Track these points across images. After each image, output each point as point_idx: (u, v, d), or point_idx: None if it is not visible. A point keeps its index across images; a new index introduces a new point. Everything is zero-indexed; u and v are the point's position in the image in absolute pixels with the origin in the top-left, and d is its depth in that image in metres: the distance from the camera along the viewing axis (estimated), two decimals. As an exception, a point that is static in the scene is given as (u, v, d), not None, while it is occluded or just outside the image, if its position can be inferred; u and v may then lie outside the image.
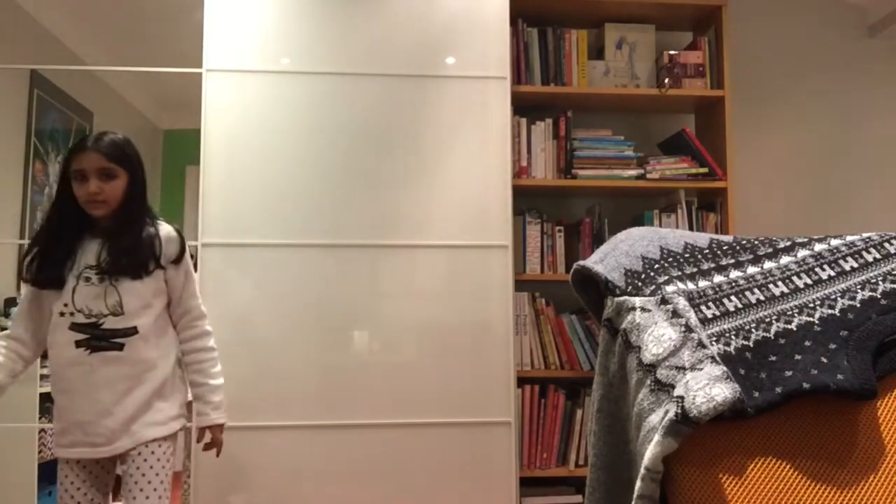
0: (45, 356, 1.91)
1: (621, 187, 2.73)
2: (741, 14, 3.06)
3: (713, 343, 0.89)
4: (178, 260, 1.87)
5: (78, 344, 1.76)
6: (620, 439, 0.94)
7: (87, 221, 1.83)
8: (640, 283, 0.96)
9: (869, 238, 1.04)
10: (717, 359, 0.84)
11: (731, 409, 0.79)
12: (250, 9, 2.49)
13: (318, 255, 2.43)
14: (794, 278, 0.99)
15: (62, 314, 1.79)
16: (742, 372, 0.87)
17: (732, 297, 0.96)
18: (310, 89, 2.48)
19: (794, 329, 0.92)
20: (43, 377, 3.03)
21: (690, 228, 2.72)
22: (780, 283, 0.98)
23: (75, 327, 1.77)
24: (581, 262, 1.02)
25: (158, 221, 1.90)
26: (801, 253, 1.03)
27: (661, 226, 2.72)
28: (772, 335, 0.92)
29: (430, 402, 2.42)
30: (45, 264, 1.80)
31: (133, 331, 1.78)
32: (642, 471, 0.79)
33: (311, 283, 2.43)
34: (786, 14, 3.22)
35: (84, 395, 1.76)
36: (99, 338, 1.76)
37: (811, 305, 0.95)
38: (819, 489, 0.81)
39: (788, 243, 1.05)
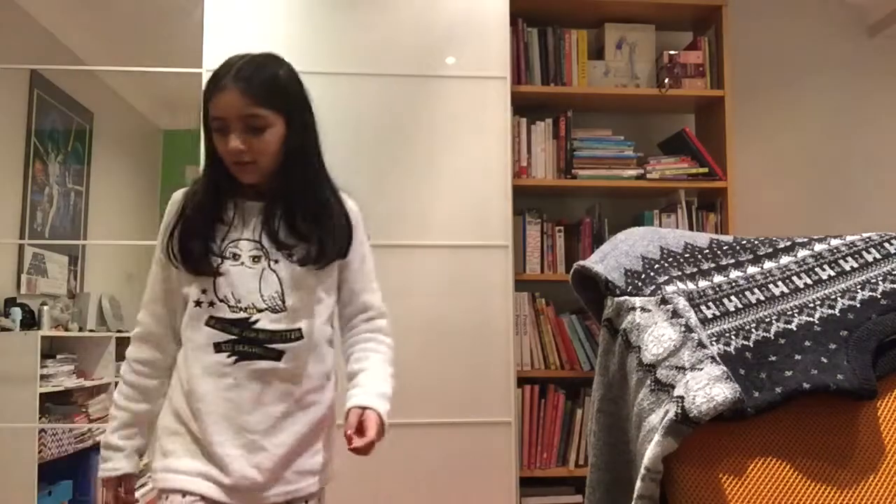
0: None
1: (621, 187, 2.73)
2: (741, 14, 3.06)
3: (713, 343, 0.89)
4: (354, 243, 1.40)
5: (218, 347, 1.27)
6: (620, 439, 0.94)
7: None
8: (640, 283, 0.96)
9: (869, 238, 1.04)
10: (717, 359, 0.84)
11: (731, 409, 0.79)
12: (250, 9, 2.49)
13: (318, 255, 2.43)
14: (794, 278, 0.99)
15: (198, 303, 1.29)
16: (742, 372, 0.87)
17: (732, 297, 0.96)
18: (310, 89, 2.47)
19: (794, 329, 0.92)
20: (44, 377, 3.03)
21: (690, 228, 2.72)
22: (780, 283, 0.98)
23: (216, 323, 1.28)
24: (581, 262, 1.02)
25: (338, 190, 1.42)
26: (801, 253, 1.03)
27: (661, 226, 2.72)
28: (772, 335, 0.92)
29: (430, 402, 2.42)
30: (187, 236, 1.31)
31: (297, 334, 1.30)
32: (642, 471, 0.79)
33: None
34: (786, 14, 3.22)
35: (223, 419, 1.26)
36: (249, 341, 1.27)
37: (811, 305, 0.95)
38: (819, 489, 0.81)
39: (788, 243, 1.05)
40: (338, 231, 1.35)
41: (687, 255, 1.02)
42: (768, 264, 1.01)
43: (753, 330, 0.92)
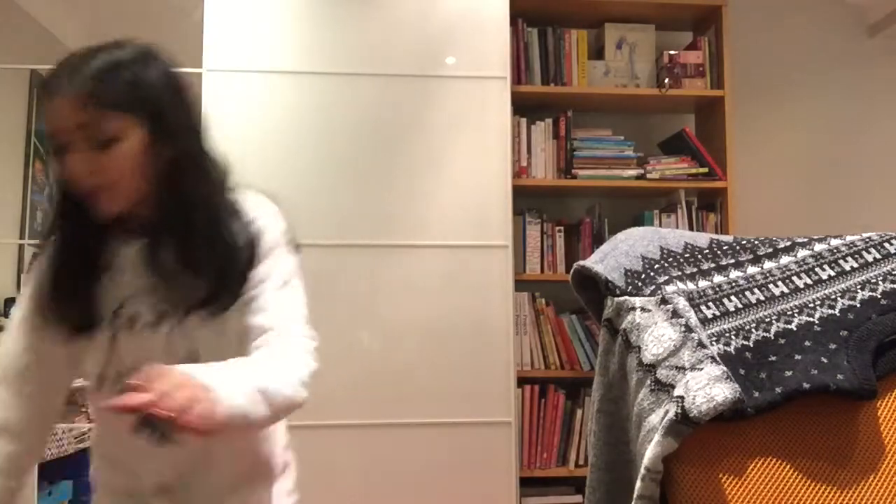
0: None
1: (621, 187, 2.73)
2: (741, 14, 3.06)
3: (713, 343, 0.89)
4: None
5: (138, 428, 0.84)
6: (620, 439, 0.94)
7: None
8: (640, 283, 0.96)
9: (869, 238, 1.04)
10: (717, 359, 0.84)
11: (731, 409, 0.79)
12: (250, 9, 2.49)
13: (318, 256, 2.43)
14: (794, 278, 0.99)
15: (101, 378, 1.04)
16: (742, 372, 0.87)
17: (732, 297, 0.96)
18: (310, 89, 2.48)
19: (794, 329, 0.92)
20: (43, 377, 3.03)
21: (690, 228, 2.72)
22: (780, 283, 0.98)
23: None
24: (581, 262, 1.02)
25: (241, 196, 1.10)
26: (801, 253, 1.03)
27: (661, 226, 2.72)
28: (772, 335, 0.92)
29: (430, 401, 2.42)
30: (66, 297, 1.02)
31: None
32: (642, 471, 0.79)
33: (310, 284, 2.42)
34: (786, 14, 3.22)
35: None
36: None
37: (811, 305, 0.95)
38: (819, 489, 0.81)
39: (788, 243, 1.05)
40: (238, 260, 1.03)
41: (687, 255, 1.02)
42: (768, 264, 1.01)
43: (753, 330, 0.92)
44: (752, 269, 1.00)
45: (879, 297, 0.96)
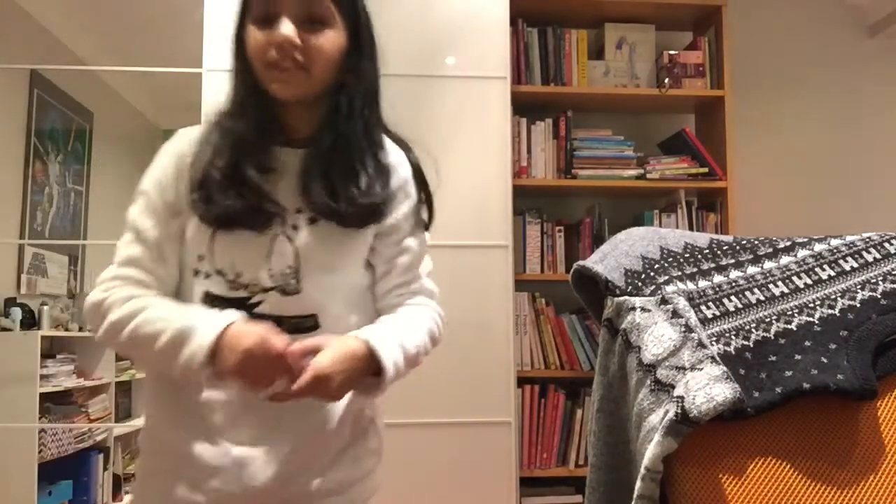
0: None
1: (621, 187, 2.73)
2: (741, 14, 3.06)
3: (713, 343, 0.89)
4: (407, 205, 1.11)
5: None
6: (620, 439, 0.94)
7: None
8: (640, 283, 0.96)
9: (869, 238, 1.04)
10: (717, 359, 0.84)
11: (731, 409, 0.79)
12: (250, 9, 2.49)
13: (318, 255, 2.43)
14: (794, 278, 0.99)
15: (196, 272, 1.01)
16: (742, 372, 0.87)
17: (732, 297, 0.96)
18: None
19: (794, 329, 0.92)
20: (44, 377, 3.03)
21: (690, 228, 2.72)
22: (780, 283, 0.98)
23: (211, 301, 0.99)
24: (581, 262, 1.02)
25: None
26: (801, 253, 1.03)
27: (661, 226, 2.72)
28: (772, 335, 0.92)
29: (430, 401, 2.42)
30: (224, 185, 0.97)
31: (311, 323, 1.01)
32: (642, 471, 0.79)
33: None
34: (786, 14, 3.22)
35: (210, 435, 0.98)
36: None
37: (811, 305, 0.95)
38: (819, 489, 0.81)
39: (788, 243, 1.05)
40: (372, 186, 1.03)
41: (687, 255, 1.02)
42: (768, 264, 1.01)
43: (753, 330, 0.92)
44: (752, 269, 1.00)
45: (879, 297, 0.96)
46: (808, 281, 0.99)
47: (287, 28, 0.96)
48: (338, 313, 1.03)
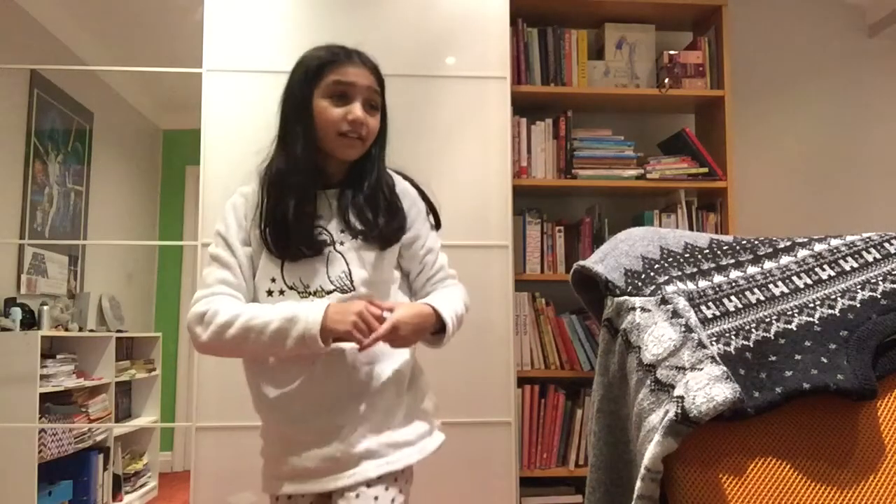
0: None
1: (621, 187, 2.73)
2: (741, 14, 3.06)
3: (713, 343, 0.89)
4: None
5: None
6: (620, 439, 0.94)
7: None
8: (640, 283, 0.96)
9: (869, 238, 1.04)
10: (717, 359, 0.84)
11: (731, 409, 0.79)
12: (250, 9, 2.49)
13: (318, 255, 2.43)
14: (794, 278, 0.99)
15: (269, 292, 1.34)
16: (742, 372, 0.87)
17: (732, 297, 0.96)
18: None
19: (794, 329, 0.92)
20: (44, 377, 3.03)
21: (690, 228, 2.72)
22: (780, 283, 0.98)
23: None
24: (581, 262, 1.02)
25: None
26: (801, 253, 1.03)
27: (661, 226, 2.72)
28: (772, 335, 0.92)
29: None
30: (288, 226, 1.31)
31: None
32: (642, 471, 0.79)
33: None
34: (786, 14, 3.22)
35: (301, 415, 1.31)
36: None
37: (811, 305, 0.95)
38: (819, 489, 0.81)
39: (788, 243, 1.05)
40: (395, 213, 1.39)
41: (687, 255, 1.02)
42: (768, 264, 1.01)
43: (753, 330, 0.92)
44: (752, 269, 1.00)
45: (879, 297, 0.96)
46: (808, 281, 0.99)
47: (359, 111, 1.33)
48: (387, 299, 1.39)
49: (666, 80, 2.75)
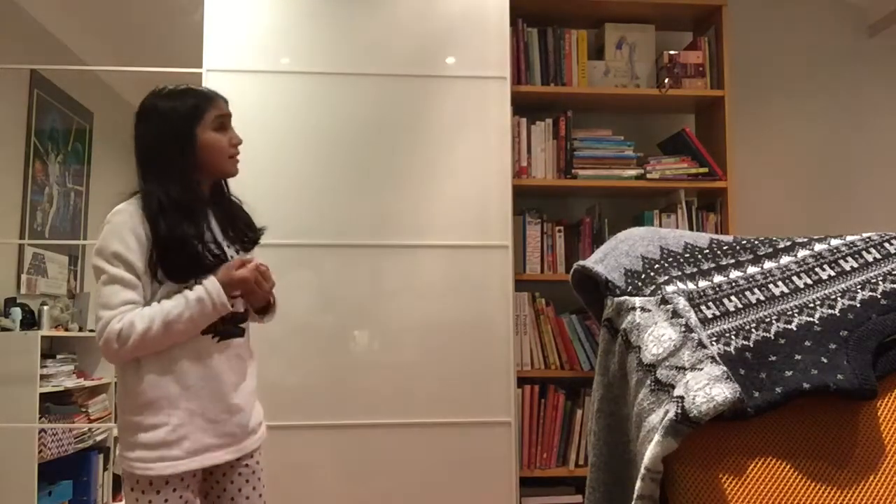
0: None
1: (621, 187, 2.73)
2: (741, 14, 3.06)
3: (713, 343, 0.89)
4: None
5: (204, 330, 1.52)
6: (620, 439, 0.94)
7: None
8: (640, 283, 0.96)
9: (869, 238, 1.04)
10: (717, 359, 0.84)
11: (731, 409, 0.79)
12: (250, 9, 2.49)
13: (319, 256, 2.43)
14: (794, 278, 0.99)
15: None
16: (742, 372, 0.87)
17: (732, 297, 0.96)
18: (310, 89, 2.48)
19: (794, 329, 0.92)
20: (44, 377, 3.03)
21: (690, 228, 2.72)
22: (780, 283, 0.98)
23: None
24: (581, 262, 1.02)
25: None
26: (801, 253, 1.03)
27: (661, 226, 2.72)
28: (772, 335, 0.92)
29: (430, 402, 2.42)
30: (186, 245, 1.50)
31: (245, 313, 1.64)
32: (642, 471, 0.79)
33: (310, 284, 2.43)
34: (786, 14, 3.22)
35: (210, 393, 1.52)
36: (228, 320, 1.56)
37: (811, 305, 0.95)
38: (819, 489, 0.81)
39: (788, 243, 1.05)
40: (251, 219, 1.73)
41: (687, 255, 1.02)
42: (768, 264, 1.01)
43: (753, 330, 0.92)
44: (752, 269, 1.00)
45: (879, 297, 0.96)
46: (808, 281, 0.99)
47: (236, 134, 1.63)
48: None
49: (666, 80, 2.75)
